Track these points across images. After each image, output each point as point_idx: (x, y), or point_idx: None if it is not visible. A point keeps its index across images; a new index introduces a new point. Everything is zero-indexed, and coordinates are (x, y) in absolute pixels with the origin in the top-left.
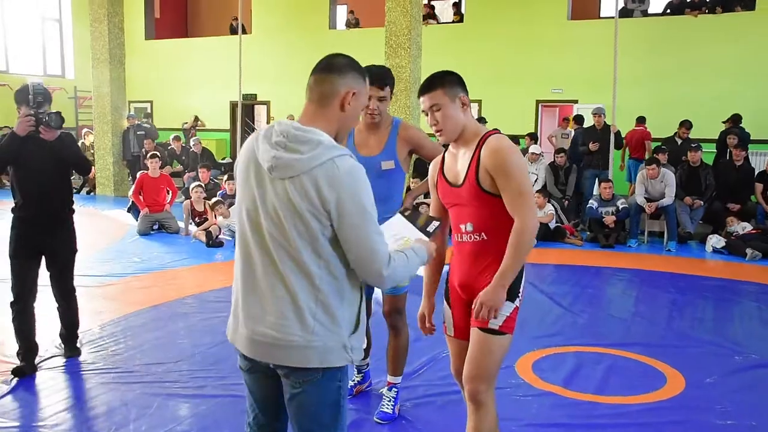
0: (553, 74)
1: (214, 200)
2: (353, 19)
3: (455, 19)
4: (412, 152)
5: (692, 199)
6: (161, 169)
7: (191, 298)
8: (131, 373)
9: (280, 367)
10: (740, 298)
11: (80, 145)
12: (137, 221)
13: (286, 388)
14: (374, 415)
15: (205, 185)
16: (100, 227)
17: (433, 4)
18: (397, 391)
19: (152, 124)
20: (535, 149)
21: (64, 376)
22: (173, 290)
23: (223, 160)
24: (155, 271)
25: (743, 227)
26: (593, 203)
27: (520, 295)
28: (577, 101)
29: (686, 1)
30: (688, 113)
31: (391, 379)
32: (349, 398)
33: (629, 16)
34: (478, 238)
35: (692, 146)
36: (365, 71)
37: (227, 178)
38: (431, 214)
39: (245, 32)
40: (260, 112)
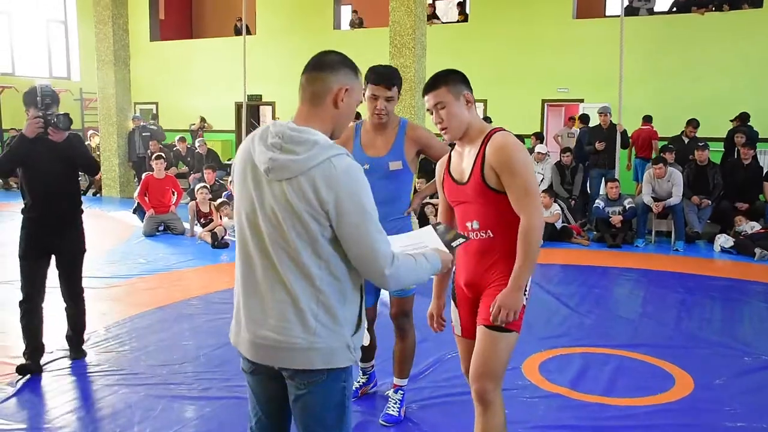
0: (558, 73)
1: (219, 201)
2: (357, 19)
3: (460, 18)
4: (419, 152)
5: (700, 198)
6: (167, 170)
7: (196, 299)
8: (136, 375)
9: (284, 369)
10: (749, 298)
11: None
12: (143, 222)
13: (290, 389)
14: (380, 417)
15: (210, 186)
16: (105, 228)
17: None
18: (403, 393)
19: (159, 125)
20: (541, 149)
21: (69, 378)
22: (178, 291)
23: (228, 161)
24: (161, 272)
25: (752, 226)
26: (600, 203)
27: (526, 293)
28: (582, 100)
29: None
30: (695, 112)
31: (397, 381)
32: (354, 400)
33: (635, 14)
34: (484, 235)
35: (699, 145)
36: (357, 67)
37: (232, 179)
38: (440, 213)
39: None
40: (265, 112)
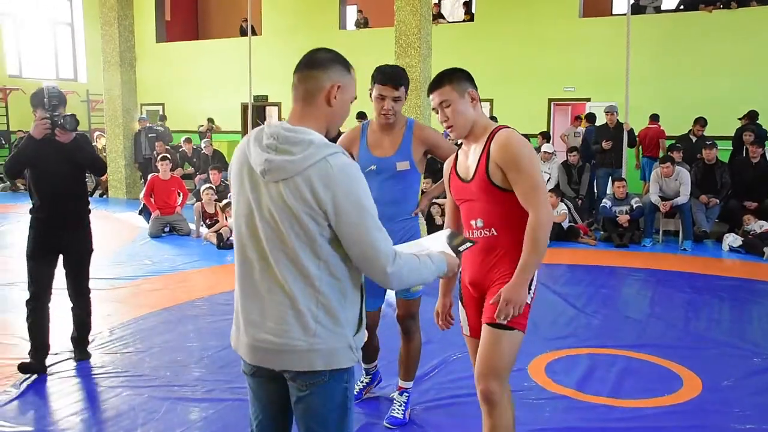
0: (565, 72)
1: (224, 202)
2: (362, 18)
3: (466, 18)
4: (427, 153)
5: (708, 197)
6: (173, 171)
7: (201, 300)
8: (140, 376)
9: (285, 371)
10: (758, 298)
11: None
12: (148, 224)
13: (292, 391)
14: (384, 419)
15: (216, 187)
16: (111, 230)
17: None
18: (408, 395)
19: (166, 127)
20: (547, 148)
21: (73, 380)
22: (183, 293)
23: None
24: (166, 273)
25: (761, 225)
26: (607, 202)
27: (531, 292)
28: (589, 99)
29: None
30: (702, 110)
31: (402, 383)
32: (359, 402)
33: (642, 12)
34: (488, 233)
35: (707, 144)
36: (349, 63)
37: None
38: (446, 213)
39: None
40: (271, 113)
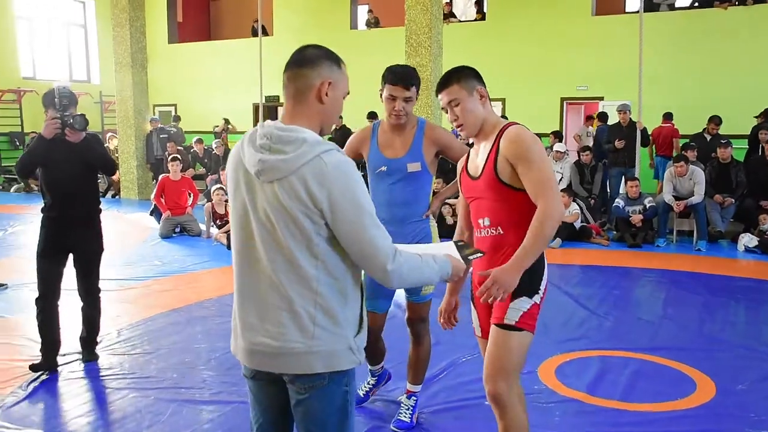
0: (577, 71)
1: None
2: (373, 18)
3: (477, 17)
4: (438, 153)
5: (723, 196)
6: (184, 171)
7: (210, 301)
8: (146, 378)
9: (284, 373)
10: None
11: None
12: (159, 224)
13: (291, 394)
14: (391, 423)
15: (226, 188)
16: (123, 230)
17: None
18: (416, 399)
19: (179, 128)
20: (559, 147)
21: (80, 381)
22: (193, 293)
23: None
24: (176, 274)
25: None
26: (620, 202)
27: (540, 291)
28: (602, 98)
29: None
30: (717, 108)
31: (410, 387)
32: (365, 404)
33: (655, 10)
34: (494, 232)
35: (722, 142)
36: (339, 59)
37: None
38: (458, 214)
39: (267, 34)
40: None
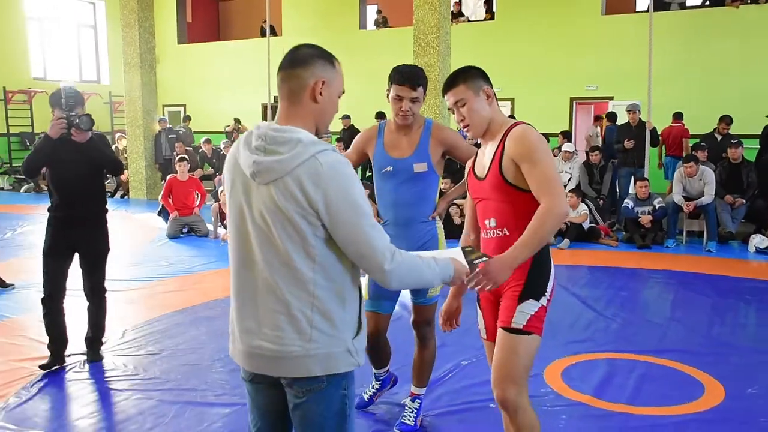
0: (587, 71)
1: None
2: (381, 18)
3: (486, 17)
4: (445, 154)
5: (733, 197)
6: (192, 172)
7: (216, 302)
8: (150, 380)
9: (282, 377)
10: None
11: (114, 149)
12: (167, 225)
13: (289, 397)
14: (395, 426)
15: None
16: (130, 230)
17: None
18: (420, 402)
19: (189, 128)
20: (568, 147)
21: (84, 382)
22: (199, 294)
23: None
24: (182, 274)
25: None
26: (629, 202)
27: (547, 294)
28: (612, 98)
29: None
30: (728, 108)
31: (414, 390)
32: (369, 407)
33: (666, 9)
34: (500, 233)
35: (732, 142)
36: (333, 58)
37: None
38: (467, 214)
39: (276, 34)
40: None
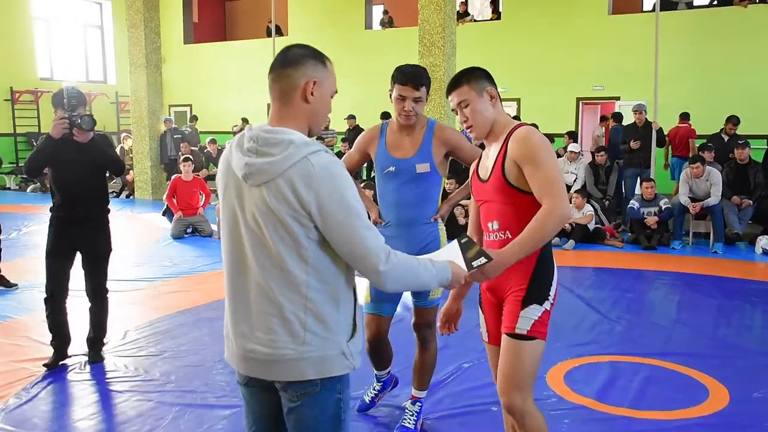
0: (593, 71)
1: None
2: (387, 18)
3: (493, 17)
4: (448, 155)
5: (740, 198)
6: (198, 172)
7: (219, 302)
8: (150, 381)
9: (276, 380)
10: None
11: (119, 149)
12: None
13: (284, 401)
14: (395, 429)
15: None
16: (135, 230)
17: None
18: (421, 405)
19: (195, 128)
20: (574, 148)
21: (83, 384)
22: (202, 295)
23: None
24: (185, 275)
25: None
26: (635, 203)
27: (550, 297)
28: (619, 98)
29: None
30: (735, 108)
31: (415, 392)
32: (370, 410)
33: (673, 8)
34: (503, 236)
35: (740, 143)
36: (325, 57)
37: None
38: (470, 216)
39: (282, 34)
40: None
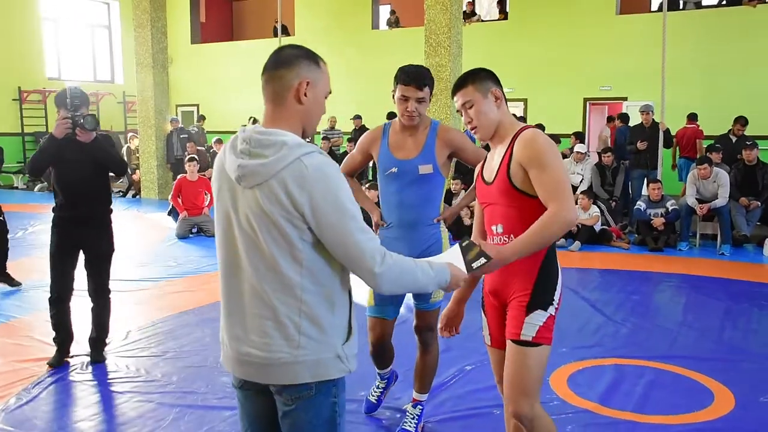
0: (601, 71)
1: None
2: (394, 18)
3: (500, 17)
4: (452, 156)
5: (748, 199)
6: (204, 172)
7: None
8: (151, 382)
9: (271, 384)
10: None
11: (126, 148)
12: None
13: (278, 405)
14: None
15: None
16: (140, 230)
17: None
18: (422, 408)
19: (202, 128)
20: (580, 148)
21: (85, 384)
22: (206, 295)
23: None
24: (189, 275)
25: None
26: (641, 204)
27: (555, 302)
28: (626, 98)
29: None
30: (743, 109)
31: (416, 395)
32: (373, 413)
33: (682, 8)
34: (507, 240)
35: (748, 144)
36: (318, 58)
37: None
38: (475, 218)
39: (288, 34)
40: None
